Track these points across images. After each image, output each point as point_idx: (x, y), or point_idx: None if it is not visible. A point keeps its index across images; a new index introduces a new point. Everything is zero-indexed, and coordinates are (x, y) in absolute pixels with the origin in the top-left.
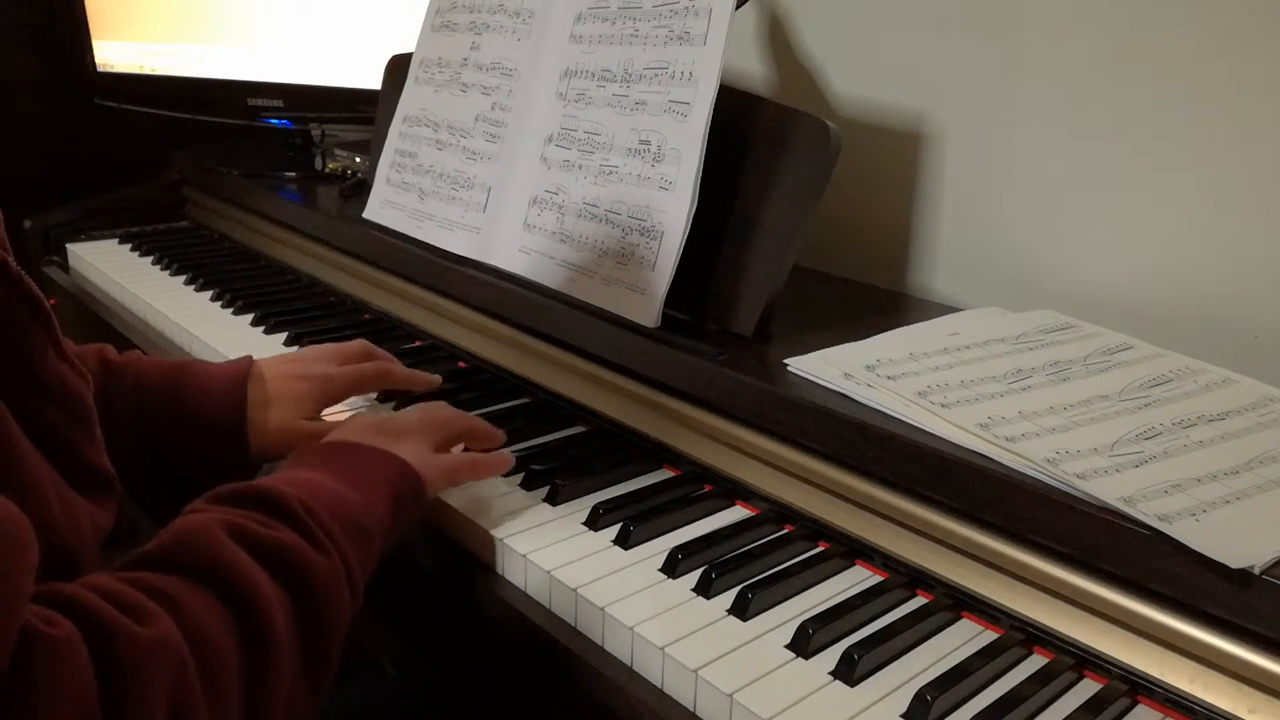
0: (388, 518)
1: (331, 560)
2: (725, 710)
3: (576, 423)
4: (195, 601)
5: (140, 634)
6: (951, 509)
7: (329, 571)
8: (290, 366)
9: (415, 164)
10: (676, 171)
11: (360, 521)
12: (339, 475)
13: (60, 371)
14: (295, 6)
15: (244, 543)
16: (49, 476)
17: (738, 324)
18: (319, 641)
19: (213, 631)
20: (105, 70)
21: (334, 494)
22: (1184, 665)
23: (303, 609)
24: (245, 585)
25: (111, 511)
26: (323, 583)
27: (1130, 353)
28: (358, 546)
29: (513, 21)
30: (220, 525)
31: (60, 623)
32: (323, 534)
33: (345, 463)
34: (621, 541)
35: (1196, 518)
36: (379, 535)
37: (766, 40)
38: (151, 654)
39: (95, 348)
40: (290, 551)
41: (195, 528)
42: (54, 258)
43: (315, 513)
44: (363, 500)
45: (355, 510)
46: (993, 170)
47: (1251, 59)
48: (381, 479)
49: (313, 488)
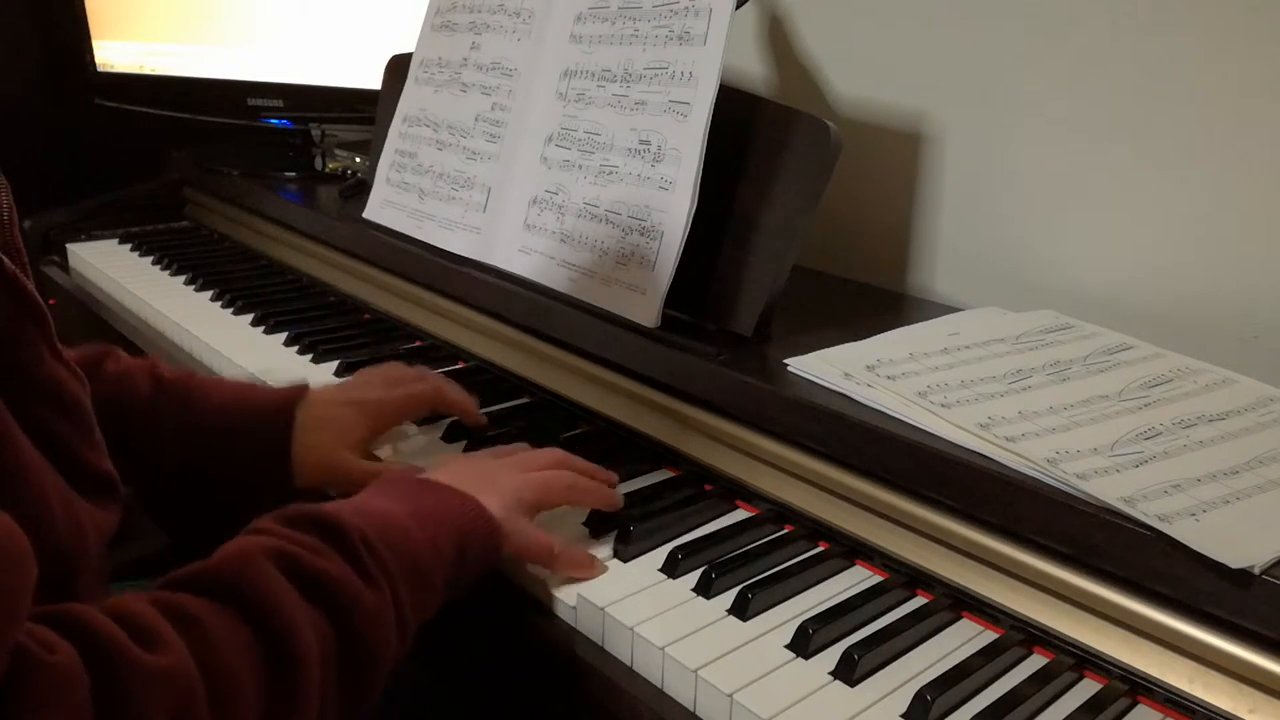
0: (453, 564)
1: (382, 596)
2: (725, 710)
3: (577, 423)
4: (221, 628)
5: (146, 661)
6: (951, 509)
7: (376, 607)
8: (337, 393)
9: (415, 164)
10: (676, 171)
11: (422, 563)
12: (412, 513)
13: (57, 374)
14: (295, 6)
15: (289, 570)
16: (50, 478)
17: (738, 324)
18: (358, 677)
19: (234, 659)
20: (105, 70)
21: (401, 530)
22: (1184, 665)
23: (344, 643)
24: (279, 614)
25: (115, 514)
26: (368, 618)
27: (1130, 353)
28: (414, 588)
29: (513, 21)
30: (266, 551)
31: (60, 648)
32: (377, 569)
33: (419, 500)
34: (622, 542)
35: (1196, 518)
36: (440, 579)
37: (766, 40)
38: (155, 682)
39: (146, 363)
40: (336, 583)
41: (241, 551)
42: (54, 258)
43: (373, 546)
44: (428, 541)
45: (417, 550)
46: (993, 170)
47: (1252, 59)
48: (453, 524)
49: (378, 520)
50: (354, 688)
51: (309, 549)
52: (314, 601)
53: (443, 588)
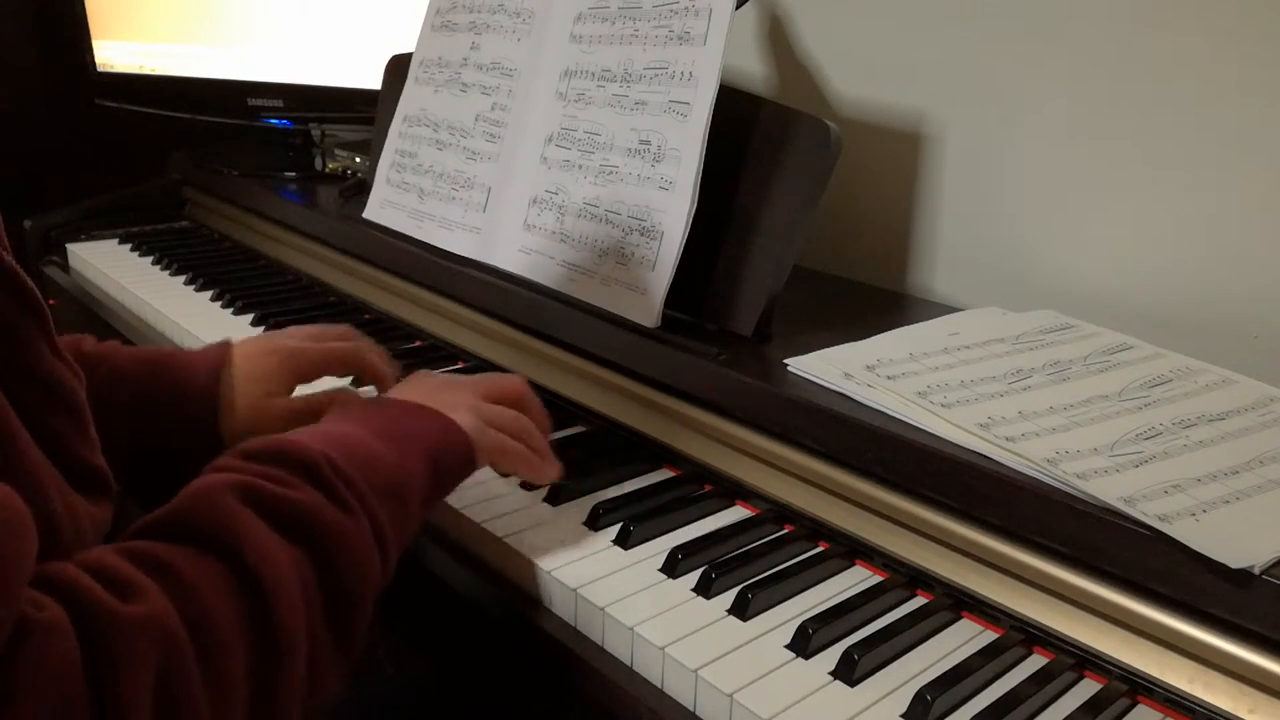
0: (428, 480)
1: (358, 521)
2: (725, 710)
3: (576, 423)
4: (196, 570)
5: (124, 612)
6: (951, 509)
7: (354, 532)
8: (257, 344)
9: (415, 164)
10: (676, 171)
11: (395, 481)
12: (377, 432)
13: (56, 369)
14: (295, 6)
15: (256, 504)
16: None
17: (738, 324)
18: (342, 604)
19: (210, 600)
20: (105, 70)
21: (367, 450)
22: (1184, 665)
23: (324, 572)
24: (252, 550)
25: (109, 510)
26: (346, 544)
27: (1130, 353)
28: (391, 508)
29: (513, 21)
30: (231, 487)
31: (46, 605)
32: (350, 493)
33: (386, 419)
34: (621, 541)
35: (1196, 518)
36: (417, 497)
37: (766, 40)
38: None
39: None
40: (309, 511)
41: (204, 491)
42: (54, 258)
43: (342, 470)
44: (399, 459)
45: (390, 469)
46: (993, 170)
47: (1252, 59)
48: (423, 438)
49: (345, 443)
50: (341, 619)
51: (275, 480)
52: (286, 533)
53: (421, 507)
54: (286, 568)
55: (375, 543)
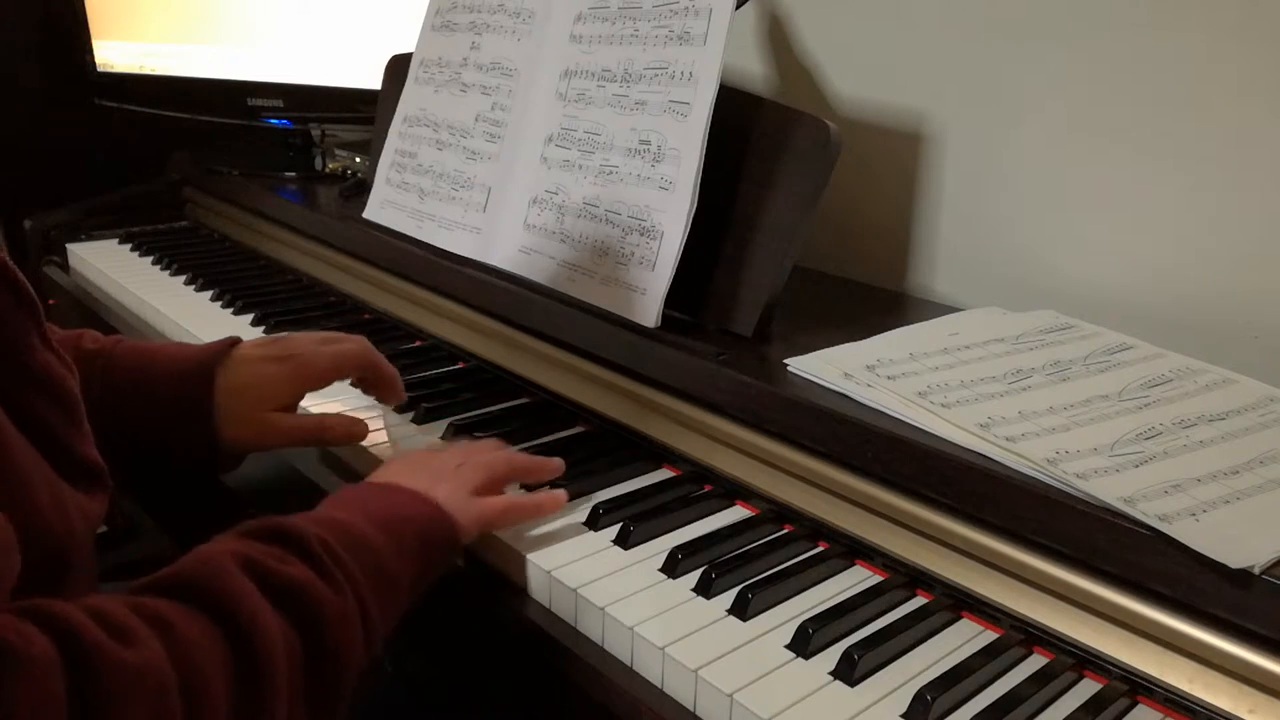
0: (415, 564)
1: (346, 601)
2: (725, 710)
3: (576, 423)
4: (191, 629)
5: (122, 656)
6: (951, 509)
7: (342, 612)
8: (265, 349)
9: (415, 164)
10: (676, 171)
11: (384, 567)
12: (367, 517)
13: (47, 361)
14: (295, 6)
15: (254, 576)
16: (37, 466)
17: (738, 324)
18: (325, 683)
19: (205, 660)
20: (105, 70)
21: (359, 536)
22: (1184, 665)
23: (310, 647)
24: (246, 617)
25: (102, 503)
26: (334, 623)
27: (1130, 353)
28: (379, 592)
29: (513, 21)
30: (232, 556)
31: (36, 640)
32: (341, 574)
33: (375, 504)
34: (621, 541)
35: (1196, 518)
36: (405, 582)
37: (766, 40)
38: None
39: (74, 335)
40: (302, 588)
41: (206, 557)
42: (54, 258)
43: (335, 552)
44: (388, 544)
45: (380, 555)
46: (993, 170)
47: (1252, 59)
48: (410, 523)
49: (338, 528)
50: (321, 693)
51: (273, 557)
52: (280, 606)
53: (409, 590)
54: (277, 636)
55: (361, 623)
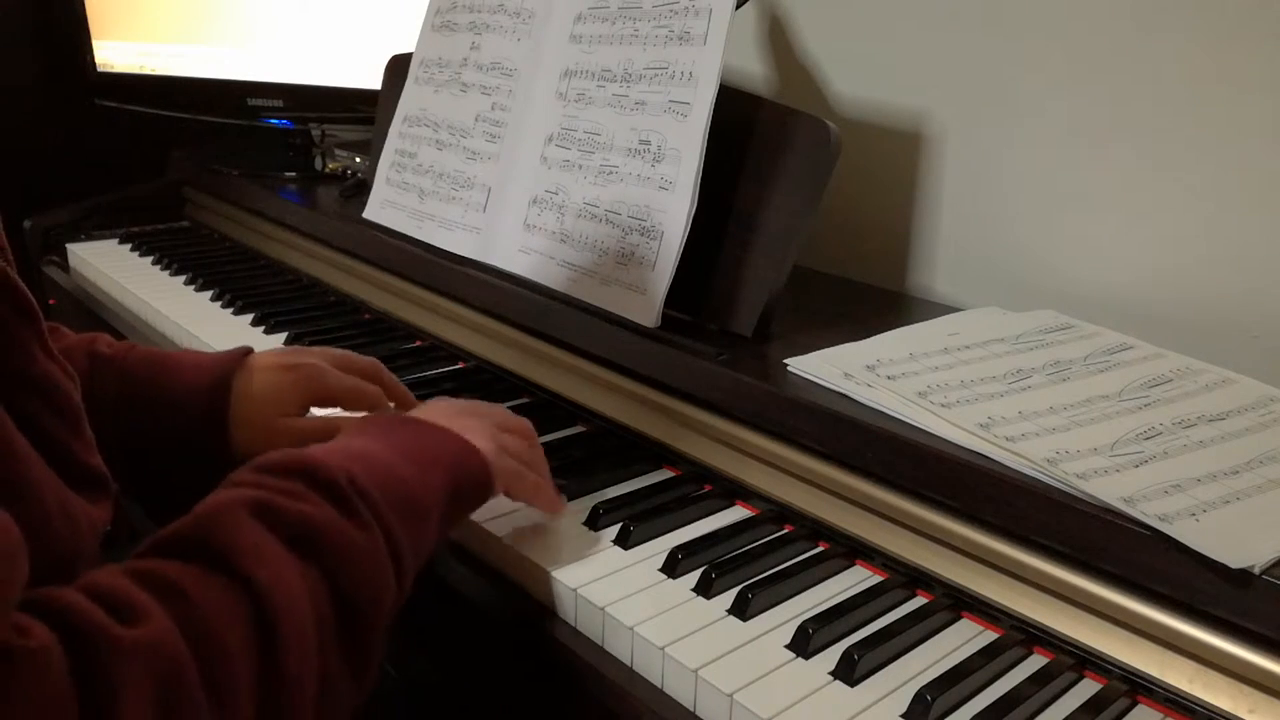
0: (447, 500)
1: (373, 537)
2: (725, 710)
3: (576, 423)
4: (203, 590)
5: (124, 636)
6: (951, 509)
7: (369, 549)
8: (280, 358)
9: (415, 164)
10: (676, 171)
11: (414, 499)
12: (397, 449)
13: (49, 370)
14: (295, 6)
15: (269, 520)
16: (44, 474)
17: (738, 324)
18: (356, 624)
19: (220, 625)
20: (105, 70)
21: (387, 467)
22: (1184, 665)
23: (337, 593)
24: (262, 570)
25: (107, 510)
26: (359, 560)
27: (1130, 353)
28: (408, 525)
29: (513, 21)
30: (245, 504)
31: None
32: (366, 508)
33: (405, 437)
34: (621, 541)
35: (1196, 518)
36: (435, 516)
37: (766, 40)
38: (133, 656)
39: (87, 339)
40: (323, 526)
41: (218, 508)
42: (54, 258)
43: (360, 485)
44: (419, 477)
45: (408, 487)
46: (993, 170)
47: (1252, 59)
48: (443, 459)
49: (364, 459)
50: (354, 636)
51: (289, 494)
52: (299, 550)
53: (439, 526)
54: (297, 586)
55: (390, 559)
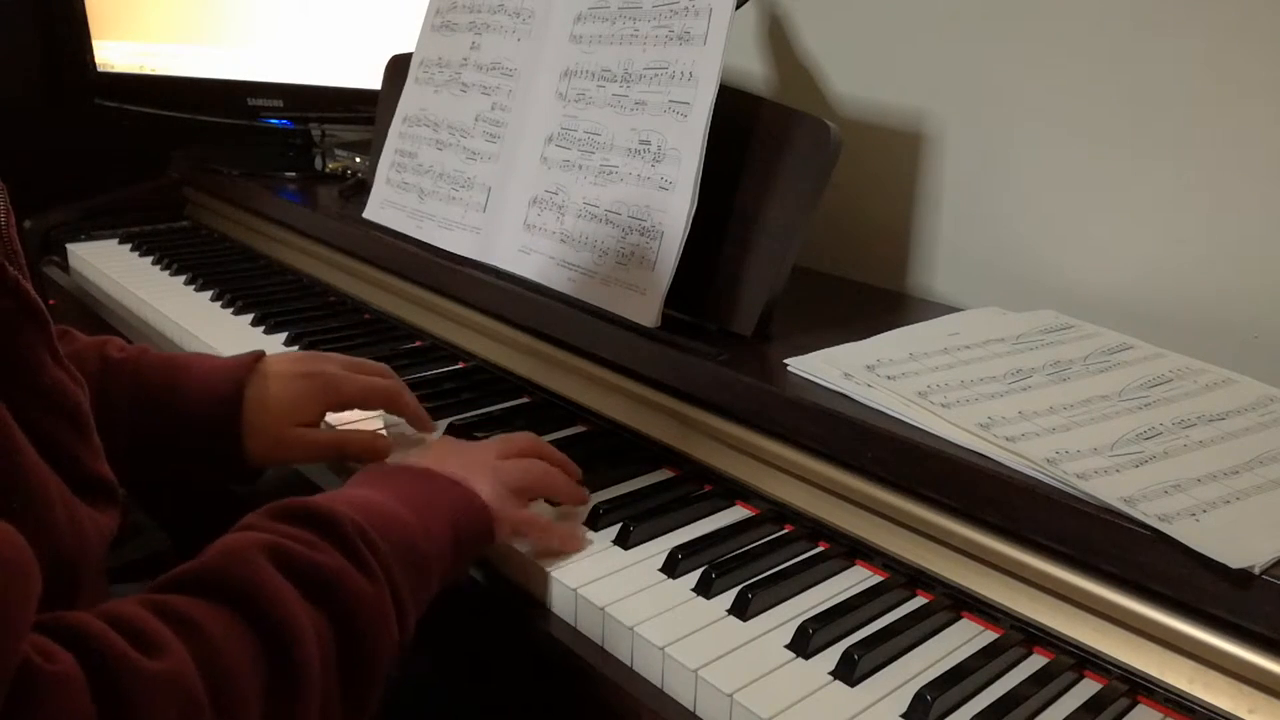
0: (449, 550)
1: (380, 588)
2: (725, 710)
3: (576, 423)
4: (218, 627)
5: (146, 667)
6: (951, 509)
7: (374, 600)
8: (295, 365)
9: (415, 164)
10: (676, 171)
11: (417, 550)
12: (402, 499)
13: (58, 378)
14: (295, 6)
15: (284, 566)
16: (51, 482)
17: (738, 324)
18: (358, 668)
19: (234, 660)
20: (105, 70)
21: (392, 518)
22: (1184, 665)
23: (344, 638)
24: (277, 611)
25: (114, 518)
26: (366, 609)
27: (1130, 353)
28: (411, 577)
29: (513, 21)
30: (261, 547)
31: (59, 657)
32: (374, 560)
33: (411, 487)
34: (621, 541)
35: (1196, 518)
36: (437, 567)
37: (766, 40)
38: (157, 688)
39: (98, 341)
40: (334, 577)
41: (234, 549)
42: (54, 258)
43: (368, 537)
44: (422, 528)
45: (413, 538)
46: (993, 170)
47: (1251, 59)
48: (447, 509)
49: (371, 510)
50: (355, 683)
51: (302, 542)
52: (311, 597)
53: (440, 577)
54: (308, 628)
55: (394, 610)
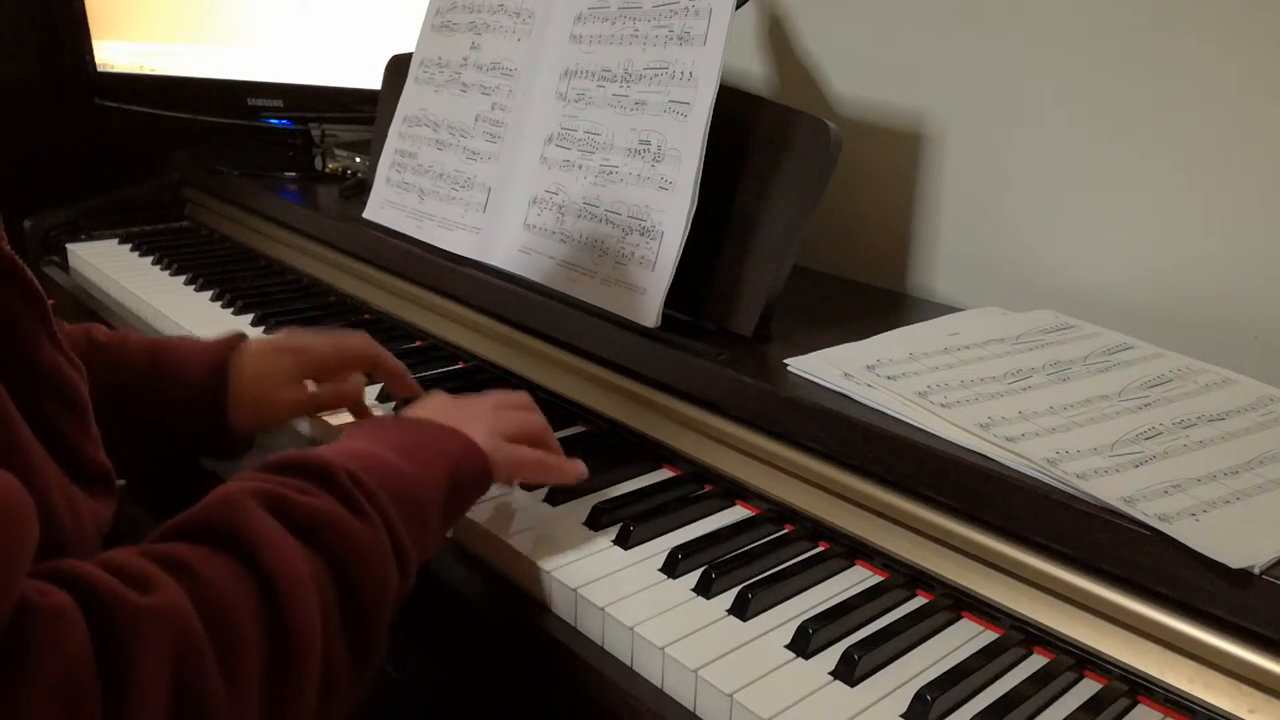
0: (446, 495)
1: (375, 530)
2: (725, 710)
3: (576, 423)
4: (213, 569)
5: (139, 601)
6: (951, 509)
7: (372, 542)
8: (274, 340)
9: (415, 164)
10: (676, 171)
11: (414, 496)
12: (395, 448)
13: (56, 363)
14: (295, 6)
15: (276, 510)
16: (48, 467)
17: (738, 324)
18: (359, 614)
19: (229, 599)
20: (105, 70)
21: (386, 466)
22: (1184, 665)
23: (342, 579)
24: (270, 552)
25: (110, 506)
26: (364, 553)
27: (1130, 353)
28: (409, 520)
29: (513, 21)
30: (252, 494)
31: (53, 593)
32: (368, 503)
33: (402, 436)
34: (621, 541)
35: (1196, 518)
36: (435, 511)
37: (766, 40)
38: (151, 620)
39: (84, 328)
40: (327, 519)
41: (225, 497)
42: (54, 258)
43: (361, 481)
44: (418, 475)
45: (408, 483)
46: (993, 170)
47: (1251, 59)
48: (441, 455)
49: (364, 458)
50: (358, 627)
51: (295, 489)
52: (305, 539)
53: (441, 522)
54: (304, 572)
55: (393, 553)
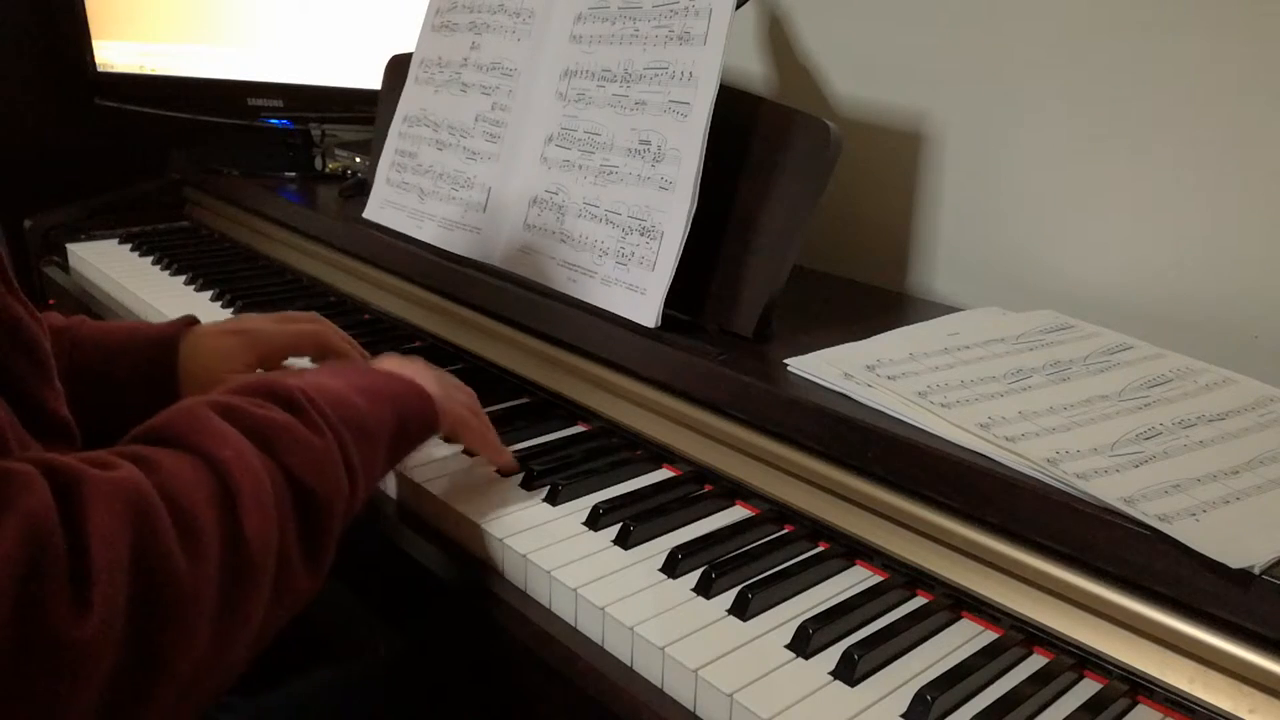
0: (394, 429)
1: (326, 442)
2: (725, 710)
3: (576, 422)
4: (173, 461)
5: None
6: (951, 509)
7: (324, 450)
8: (224, 324)
9: (415, 164)
10: (676, 171)
11: (364, 423)
12: (349, 384)
13: (13, 309)
14: (295, 6)
15: (232, 419)
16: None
17: (738, 324)
18: (312, 512)
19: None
20: (105, 70)
21: (339, 394)
22: (1184, 665)
23: (295, 483)
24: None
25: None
26: (315, 457)
27: (1130, 353)
28: (359, 442)
29: (513, 21)
30: (209, 404)
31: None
32: (321, 420)
33: (361, 378)
34: (621, 541)
35: (1196, 518)
36: (384, 440)
37: (766, 40)
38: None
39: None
40: (280, 428)
41: (184, 407)
42: (54, 258)
43: (315, 400)
44: (371, 410)
45: (359, 413)
46: (993, 170)
47: (1252, 60)
48: (393, 397)
49: (319, 387)
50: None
51: (252, 404)
52: (259, 443)
53: (387, 454)
54: (257, 466)
55: (343, 463)
